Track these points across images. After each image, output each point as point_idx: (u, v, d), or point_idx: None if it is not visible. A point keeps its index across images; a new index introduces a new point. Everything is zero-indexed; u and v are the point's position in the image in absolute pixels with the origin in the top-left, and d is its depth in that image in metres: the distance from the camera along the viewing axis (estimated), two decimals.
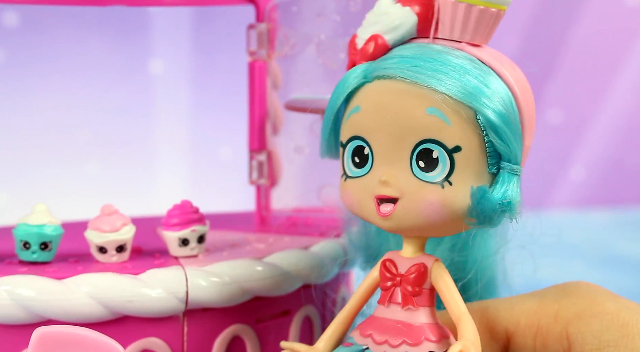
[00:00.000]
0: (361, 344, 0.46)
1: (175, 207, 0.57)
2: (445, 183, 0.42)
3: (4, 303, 0.50)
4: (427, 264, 0.45)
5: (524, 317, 0.48)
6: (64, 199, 0.55)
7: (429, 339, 0.44)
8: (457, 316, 0.44)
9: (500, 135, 0.42)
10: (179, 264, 0.55)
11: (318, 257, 0.59)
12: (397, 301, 0.45)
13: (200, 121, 1.42)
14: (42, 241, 0.54)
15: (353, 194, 0.44)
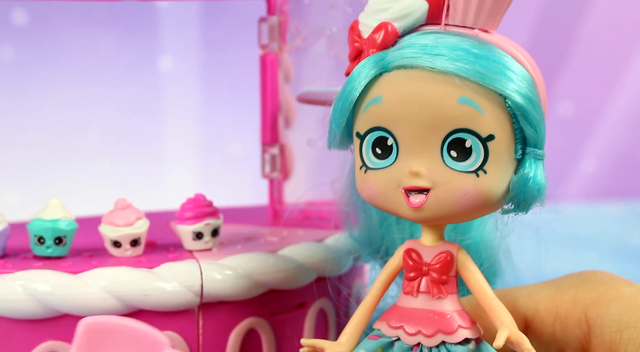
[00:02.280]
0: (390, 336, 0.46)
1: (188, 200, 0.57)
2: (480, 172, 0.42)
3: (20, 298, 0.50)
4: (453, 252, 0.45)
5: (542, 304, 0.48)
6: (75, 196, 0.55)
7: (462, 326, 0.44)
8: (488, 302, 0.44)
9: (529, 120, 0.42)
10: (193, 258, 0.55)
11: (332, 249, 0.59)
12: (426, 290, 0.45)
13: (210, 117, 1.42)
14: (57, 235, 0.54)
15: (376, 185, 0.44)
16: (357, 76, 0.44)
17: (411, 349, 0.45)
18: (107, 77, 1.34)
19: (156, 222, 0.61)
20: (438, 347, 0.44)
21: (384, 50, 0.44)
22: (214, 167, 1.40)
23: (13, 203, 0.52)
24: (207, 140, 1.43)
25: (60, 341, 0.51)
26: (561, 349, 0.48)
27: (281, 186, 0.67)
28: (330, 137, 0.46)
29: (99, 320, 0.48)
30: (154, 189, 1.33)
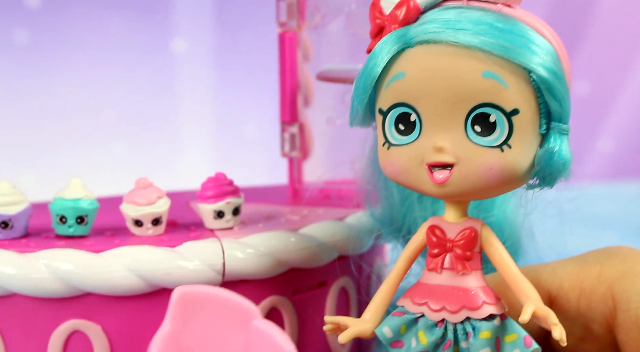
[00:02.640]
0: (414, 312, 0.46)
1: (209, 179, 0.57)
2: (505, 147, 0.41)
3: (43, 276, 0.50)
4: (476, 228, 0.45)
5: (567, 280, 0.48)
6: (90, 179, 0.55)
7: (487, 302, 0.44)
8: (513, 278, 0.44)
9: (554, 94, 0.42)
10: (215, 237, 0.55)
11: (353, 228, 0.59)
12: (450, 267, 0.45)
13: (225, 99, 1.42)
14: (79, 214, 0.54)
15: (399, 162, 0.44)
16: (379, 52, 0.44)
17: (435, 325, 0.45)
18: (121, 60, 1.34)
19: (176, 202, 0.61)
20: (462, 323, 0.44)
21: (406, 26, 0.44)
22: (228, 148, 1.40)
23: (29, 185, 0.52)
24: (221, 122, 1.43)
25: (84, 320, 0.51)
26: (586, 325, 0.47)
27: (300, 165, 0.67)
28: (353, 114, 0.46)
29: (193, 289, 0.48)
30: (168, 171, 1.33)
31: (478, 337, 0.44)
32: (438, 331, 0.45)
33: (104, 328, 0.52)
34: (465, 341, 0.44)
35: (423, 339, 0.45)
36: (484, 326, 0.44)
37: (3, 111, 0.59)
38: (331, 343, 0.59)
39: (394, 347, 0.46)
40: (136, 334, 0.52)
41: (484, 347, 0.44)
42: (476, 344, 0.44)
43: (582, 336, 0.48)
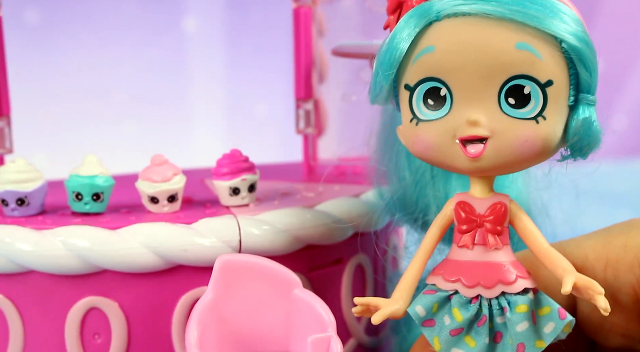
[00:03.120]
0: (447, 290, 0.45)
1: (224, 156, 0.57)
2: (540, 118, 0.41)
3: (60, 253, 0.50)
4: (505, 203, 0.44)
5: (592, 252, 0.47)
6: (103, 158, 0.55)
7: (521, 276, 0.44)
8: (544, 252, 0.44)
9: (585, 63, 0.41)
10: (230, 213, 0.54)
11: (369, 205, 0.58)
12: (482, 242, 0.44)
13: (236, 78, 1.41)
14: (94, 191, 0.54)
15: (429, 137, 0.43)
16: (404, 27, 0.43)
17: (470, 301, 0.44)
18: (131, 39, 1.34)
19: (191, 179, 0.60)
20: (498, 298, 0.44)
21: (428, 0, 0.43)
22: (240, 128, 1.40)
23: (41, 164, 0.52)
24: (233, 101, 1.42)
25: (101, 297, 0.51)
26: (613, 295, 0.47)
27: (315, 142, 0.67)
28: (375, 91, 0.45)
29: (235, 258, 0.49)
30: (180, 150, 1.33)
31: (515, 311, 0.43)
32: (473, 307, 0.44)
33: (121, 305, 0.52)
34: (500, 316, 0.44)
35: (458, 316, 0.44)
36: (520, 300, 0.44)
37: (15, 92, 0.59)
38: (347, 320, 0.59)
39: (426, 326, 0.46)
40: (153, 311, 0.52)
41: (523, 321, 0.43)
42: (514, 319, 0.43)
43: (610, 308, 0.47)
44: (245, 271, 0.49)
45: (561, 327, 0.43)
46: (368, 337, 0.61)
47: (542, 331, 0.43)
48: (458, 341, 0.45)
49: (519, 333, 0.43)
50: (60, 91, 1.30)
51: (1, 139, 0.59)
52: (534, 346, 0.43)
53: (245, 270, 0.49)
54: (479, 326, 0.44)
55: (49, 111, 1.28)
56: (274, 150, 1.23)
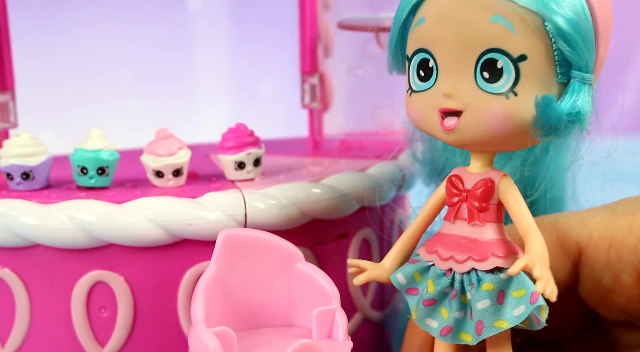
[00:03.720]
0: (427, 261, 0.46)
1: (230, 130, 0.56)
2: (510, 94, 0.40)
3: (65, 227, 0.50)
4: (495, 179, 0.44)
5: (597, 231, 0.47)
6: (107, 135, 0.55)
7: (495, 255, 0.43)
8: (525, 231, 0.43)
9: (569, 42, 0.40)
10: (236, 188, 0.54)
11: (375, 179, 0.58)
12: (463, 217, 0.44)
13: (241, 55, 1.41)
14: (99, 165, 0.53)
15: (418, 108, 0.43)
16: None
17: (444, 274, 0.45)
18: (136, 16, 1.33)
19: (196, 154, 0.60)
20: (469, 273, 0.44)
21: None
22: (245, 104, 1.40)
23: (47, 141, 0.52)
24: (238, 79, 1.42)
25: (107, 271, 0.51)
26: (615, 275, 0.47)
27: (321, 116, 0.66)
28: (389, 60, 0.46)
29: (237, 232, 0.49)
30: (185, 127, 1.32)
31: (480, 288, 0.43)
32: (445, 280, 0.44)
33: (127, 279, 0.52)
34: (470, 292, 0.44)
35: (431, 287, 0.45)
36: (488, 278, 0.43)
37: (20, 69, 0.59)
38: (353, 294, 0.59)
39: (410, 294, 0.46)
40: (159, 285, 0.52)
41: (484, 299, 0.43)
42: (477, 295, 0.43)
43: (611, 287, 0.47)
44: (248, 245, 0.49)
45: (530, 310, 0.42)
46: (374, 312, 0.61)
47: (510, 312, 0.43)
48: (432, 311, 0.45)
49: (478, 310, 0.43)
50: (65, 68, 1.30)
51: (5, 113, 0.59)
52: (492, 325, 0.43)
53: (247, 244, 0.49)
54: (451, 300, 0.44)
55: (55, 88, 1.28)
56: (279, 127, 1.23)
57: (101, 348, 0.52)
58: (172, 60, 1.36)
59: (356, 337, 0.58)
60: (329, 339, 0.46)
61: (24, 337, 0.52)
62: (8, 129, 0.60)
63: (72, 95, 1.29)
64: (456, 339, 0.44)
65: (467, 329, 0.44)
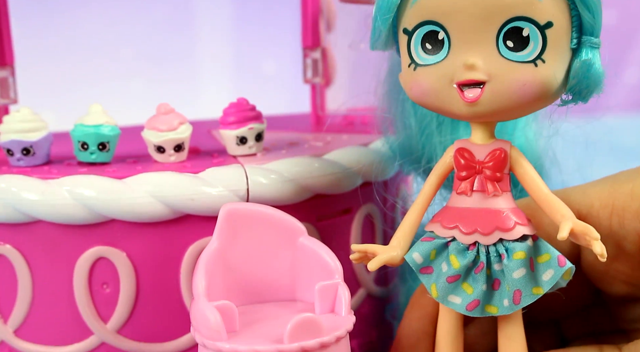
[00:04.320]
0: (444, 237, 0.45)
1: (231, 105, 0.56)
2: (539, 61, 0.40)
3: (66, 203, 0.50)
4: (506, 149, 0.44)
5: (598, 199, 0.47)
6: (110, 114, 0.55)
7: (519, 223, 0.43)
8: (544, 198, 0.43)
9: (588, 5, 0.40)
10: (238, 163, 0.54)
11: (378, 154, 0.58)
12: (481, 189, 0.44)
13: (243, 35, 1.40)
14: (100, 141, 0.53)
15: (426, 82, 0.42)
16: None
17: (467, 248, 0.44)
18: None
19: (198, 131, 0.60)
20: (495, 245, 0.44)
21: None
22: (247, 83, 1.39)
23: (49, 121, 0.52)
24: (240, 58, 1.41)
25: (109, 246, 0.51)
26: (618, 243, 0.47)
27: (323, 92, 0.66)
28: (374, 36, 0.45)
29: (239, 206, 0.49)
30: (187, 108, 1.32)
31: (512, 258, 0.43)
32: (470, 254, 0.44)
33: (129, 255, 0.51)
34: (498, 263, 0.44)
35: (455, 263, 0.44)
36: (518, 247, 0.43)
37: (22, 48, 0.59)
38: (356, 270, 0.58)
39: (424, 273, 0.46)
40: (161, 260, 0.52)
41: (519, 268, 0.43)
42: (511, 265, 0.43)
43: (614, 255, 0.47)
44: (250, 219, 0.48)
45: (560, 274, 0.43)
46: (377, 287, 0.60)
47: (541, 278, 0.43)
48: (455, 287, 0.45)
49: (515, 280, 0.43)
50: (67, 49, 1.29)
51: (5, 89, 0.59)
52: (530, 292, 0.43)
53: (249, 218, 0.48)
54: (477, 273, 0.44)
55: (56, 68, 1.27)
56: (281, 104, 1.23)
57: (104, 324, 0.52)
58: (174, 39, 1.35)
59: (360, 313, 0.58)
60: (331, 314, 0.46)
61: (27, 313, 0.52)
62: (8, 105, 0.60)
63: (73, 75, 1.28)
64: (483, 312, 0.44)
65: (492, 302, 0.44)
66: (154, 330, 0.52)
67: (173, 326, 0.52)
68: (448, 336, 0.46)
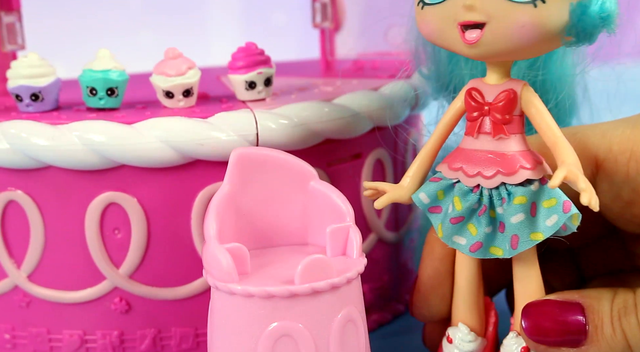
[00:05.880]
0: (450, 178, 0.45)
1: (240, 49, 0.55)
2: (538, 2, 0.39)
3: (76, 148, 0.50)
4: (516, 90, 0.43)
5: (617, 143, 0.46)
6: None
7: (524, 167, 0.43)
8: (553, 141, 0.42)
9: None
10: (247, 108, 0.54)
11: (388, 98, 0.57)
12: (487, 131, 0.43)
13: None
14: (109, 86, 0.53)
15: (432, 22, 0.42)
16: None
17: (471, 191, 0.44)
18: None
19: (207, 77, 0.59)
20: (498, 188, 0.43)
21: None
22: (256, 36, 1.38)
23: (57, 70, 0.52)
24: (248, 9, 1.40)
25: (119, 192, 0.51)
26: (635, 188, 0.46)
27: (333, 37, 0.65)
28: None
29: (250, 151, 0.48)
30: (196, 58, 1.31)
31: (512, 202, 0.43)
32: (473, 197, 0.44)
33: (140, 200, 0.51)
34: (500, 207, 0.43)
35: (458, 204, 0.44)
36: (519, 191, 0.43)
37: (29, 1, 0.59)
38: (367, 215, 0.58)
39: (433, 213, 0.46)
40: (172, 206, 0.52)
41: (518, 213, 0.43)
42: (509, 210, 0.43)
43: (630, 200, 0.46)
44: (261, 163, 0.48)
45: (563, 220, 0.42)
46: (389, 232, 0.60)
47: (543, 223, 0.42)
48: (460, 228, 0.45)
49: (513, 225, 0.43)
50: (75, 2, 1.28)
51: (13, 35, 0.58)
52: (528, 238, 0.43)
53: (260, 162, 0.48)
54: (480, 216, 0.44)
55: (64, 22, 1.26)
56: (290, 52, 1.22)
57: (116, 269, 0.52)
58: None
59: (371, 258, 0.58)
60: (343, 256, 0.46)
61: (39, 258, 0.52)
62: (16, 51, 0.60)
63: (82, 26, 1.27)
64: (487, 254, 0.44)
65: (497, 244, 0.44)
66: (166, 275, 0.52)
67: (185, 270, 0.53)
68: (465, 272, 0.46)
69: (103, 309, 0.53)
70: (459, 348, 0.47)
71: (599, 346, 0.42)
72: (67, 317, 0.53)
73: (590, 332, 0.42)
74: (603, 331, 0.42)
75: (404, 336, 0.55)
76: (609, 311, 0.43)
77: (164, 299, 0.53)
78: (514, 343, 0.45)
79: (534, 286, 0.45)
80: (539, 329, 0.43)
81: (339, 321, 0.43)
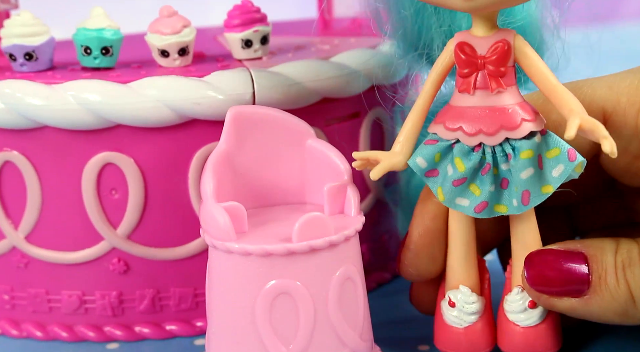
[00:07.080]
0: (448, 139, 0.43)
1: (235, 7, 0.55)
2: None
3: (71, 108, 0.50)
4: (509, 40, 0.42)
5: (625, 95, 0.44)
6: None
7: (525, 120, 0.42)
8: (552, 89, 0.41)
9: None
10: (243, 66, 0.53)
11: (386, 56, 0.57)
12: (484, 86, 0.42)
13: None
14: (103, 45, 0.52)
15: None
16: None
17: (472, 150, 0.43)
18: None
19: (203, 37, 0.59)
20: (501, 144, 0.42)
21: None
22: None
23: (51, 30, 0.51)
24: None
25: (116, 152, 0.51)
26: None
27: None
28: None
29: (247, 109, 0.48)
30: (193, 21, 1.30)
31: (520, 157, 0.42)
32: (475, 156, 0.43)
33: (137, 160, 0.51)
34: (505, 163, 0.42)
35: (460, 166, 0.43)
36: (525, 145, 0.42)
37: None
38: (365, 176, 0.58)
39: (429, 177, 0.45)
40: (169, 166, 0.51)
41: (527, 168, 0.42)
42: (518, 165, 0.42)
43: (638, 154, 0.46)
44: (258, 121, 0.48)
45: (570, 169, 0.41)
46: None
47: (550, 175, 0.42)
48: (463, 190, 0.44)
49: (523, 180, 0.42)
50: None
51: None
52: (540, 192, 0.42)
53: (257, 121, 0.48)
54: (483, 175, 0.43)
55: None
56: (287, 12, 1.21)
57: (114, 229, 0.52)
58: None
59: (369, 218, 0.58)
60: (341, 215, 0.46)
61: (37, 219, 0.52)
62: (9, 10, 0.59)
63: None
64: (492, 213, 0.43)
65: (502, 201, 0.43)
66: (164, 235, 0.52)
67: (183, 230, 0.52)
68: (460, 232, 0.46)
69: (101, 270, 0.53)
70: (463, 310, 0.46)
71: (602, 296, 0.42)
72: (65, 278, 0.53)
73: (594, 282, 0.42)
74: (607, 281, 0.42)
75: (403, 296, 0.55)
76: (612, 261, 0.42)
77: (162, 260, 0.53)
78: (519, 298, 0.45)
79: (533, 240, 0.44)
80: (542, 278, 0.43)
81: (337, 279, 0.43)
